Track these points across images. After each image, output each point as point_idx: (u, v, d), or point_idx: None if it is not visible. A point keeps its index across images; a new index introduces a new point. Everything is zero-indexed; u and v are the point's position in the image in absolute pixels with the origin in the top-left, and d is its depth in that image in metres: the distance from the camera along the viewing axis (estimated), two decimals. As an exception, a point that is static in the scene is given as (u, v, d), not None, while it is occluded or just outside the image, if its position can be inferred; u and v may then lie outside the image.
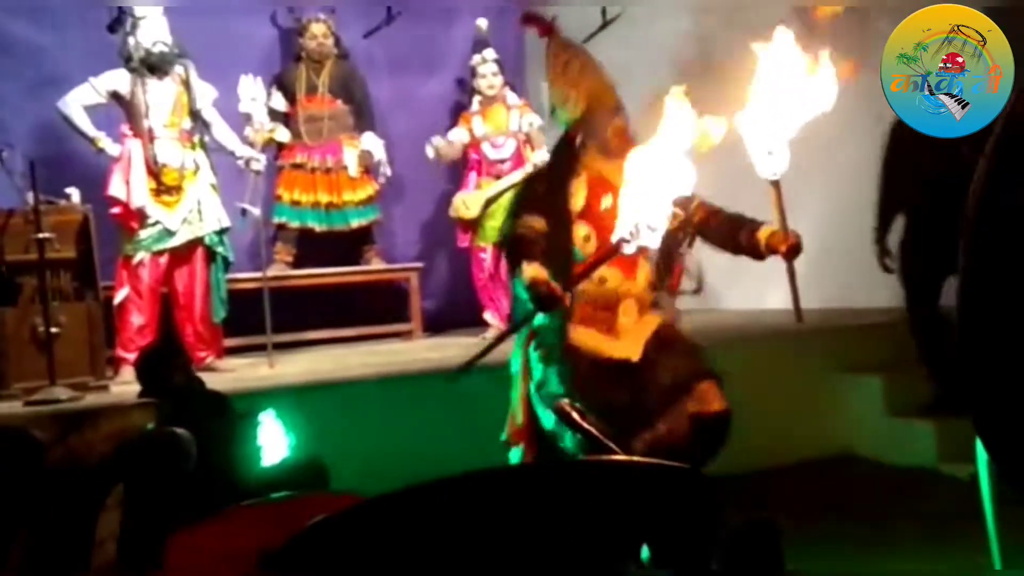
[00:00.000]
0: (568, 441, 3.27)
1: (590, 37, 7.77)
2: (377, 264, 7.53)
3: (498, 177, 7.08)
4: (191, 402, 3.61)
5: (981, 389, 1.37)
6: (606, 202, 3.49)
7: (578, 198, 3.57)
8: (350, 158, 7.29)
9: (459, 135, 7.24)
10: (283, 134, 6.98)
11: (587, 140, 3.65)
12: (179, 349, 4.01)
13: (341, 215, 7.32)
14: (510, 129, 7.15)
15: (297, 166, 7.28)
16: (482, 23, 7.46)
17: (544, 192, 3.61)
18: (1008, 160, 1.48)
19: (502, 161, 7.12)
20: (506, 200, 6.64)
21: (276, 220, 7.19)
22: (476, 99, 7.30)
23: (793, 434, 5.50)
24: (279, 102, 7.24)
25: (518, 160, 7.11)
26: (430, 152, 7.12)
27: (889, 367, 5.69)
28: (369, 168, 7.35)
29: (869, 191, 6.63)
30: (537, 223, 3.49)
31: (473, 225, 7.12)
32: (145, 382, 3.78)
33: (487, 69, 7.20)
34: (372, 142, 7.32)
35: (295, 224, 7.23)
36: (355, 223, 7.37)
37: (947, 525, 4.26)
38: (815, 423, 5.56)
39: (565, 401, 3.02)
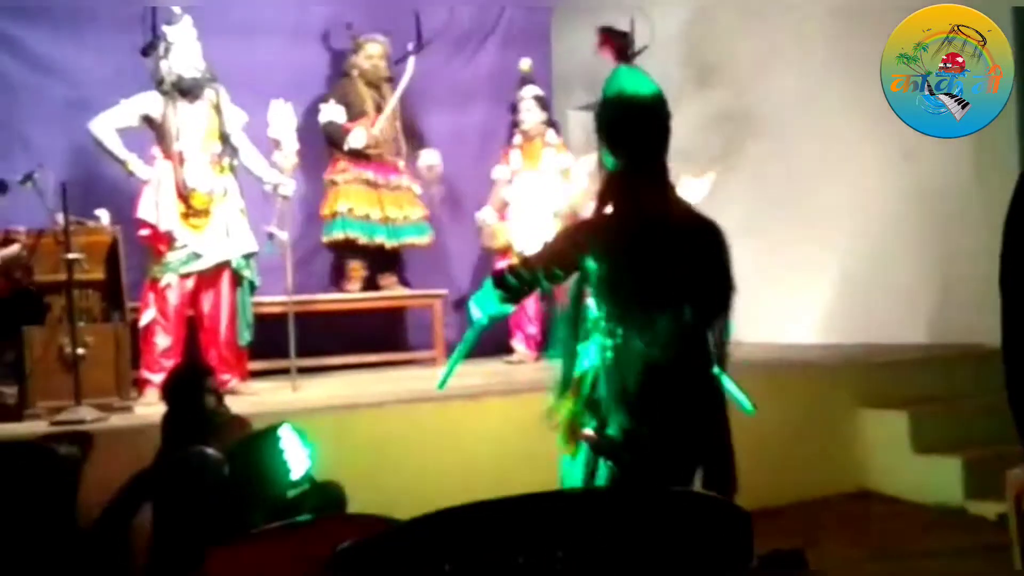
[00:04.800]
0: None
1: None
2: (398, 291, 7.58)
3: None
4: (215, 424, 3.61)
5: None
6: None
7: None
8: (407, 177, 7.47)
9: (501, 172, 7.47)
10: (359, 138, 7.18)
11: None
12: (208, 370, 3.99)
13: (395, 231, 7.39)
14: (542, 167, 7.30)
15: (363, 181, 7.33)
16: (525, 63, 7.62)
17: None
18: None
19: None
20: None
21: (338, 235, 7.22)
22: (517, 134, 7.49)
23: (818, 469, 5.46)
24: (339, 114, 7.29)
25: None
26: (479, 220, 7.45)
27: (915, 403, 5.64)
28: (431, 183, 7.51)
29: (896, 225, 6.61)
30: None
31: (503, 254, 7.25)
32: (172, 402, 3.77)
33: (527, 106, 7.41)
34: (434, 156, 7.46)
35: (363, 238, 7.25)
36: (408, 240, 7.47)
37: (973, 564, 4.21)
38: (840, 458, 5.52)
39: (589, 430, 3.01)
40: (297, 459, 3.32)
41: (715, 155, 6.61)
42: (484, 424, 5.07)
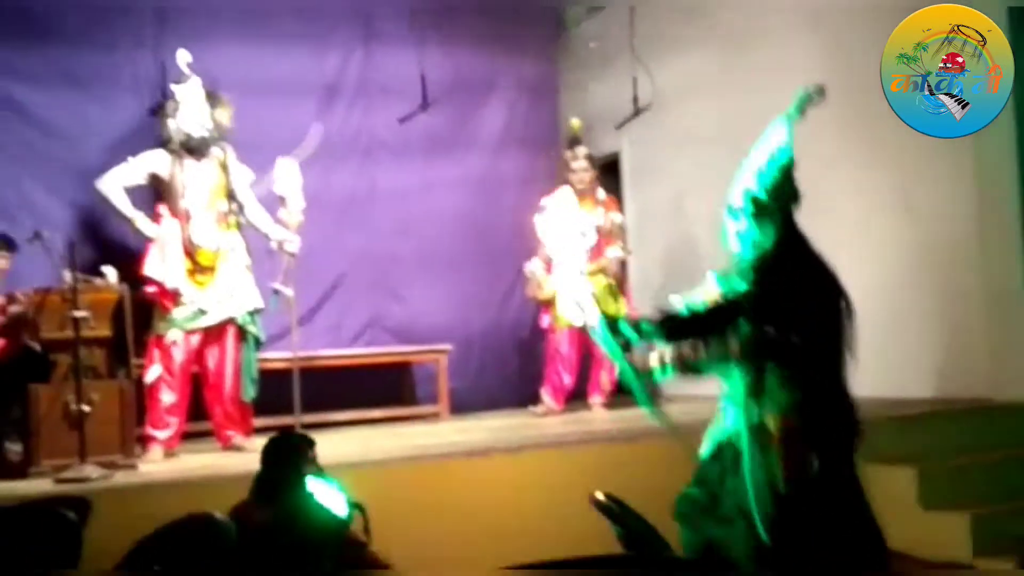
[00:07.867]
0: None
1: (624, 123, 7.96)
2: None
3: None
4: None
5: None
6: None
7: None
8: None
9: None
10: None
11: None
12: (311, 441, 3.92)
13: None
14: (593, 223, 7.45)
15: None
16: (576, 122, 7.72)
17: None
18: None
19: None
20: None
21: None
22: (569, 191, 7.60)
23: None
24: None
25: (596, 252, 7.42)
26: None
27: (922, 459, 5.60)
28: None
29: (901, 279, 6.61)
30: None
31: (548, 306, 7.41)
32: (272, 464, 3.73)
33: (578, 165, 7.53)
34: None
35: None
36: None
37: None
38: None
39: (600, 494, 3.04)
40: (334, 500, 3.34)
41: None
42: (487, 482, 5.04)
